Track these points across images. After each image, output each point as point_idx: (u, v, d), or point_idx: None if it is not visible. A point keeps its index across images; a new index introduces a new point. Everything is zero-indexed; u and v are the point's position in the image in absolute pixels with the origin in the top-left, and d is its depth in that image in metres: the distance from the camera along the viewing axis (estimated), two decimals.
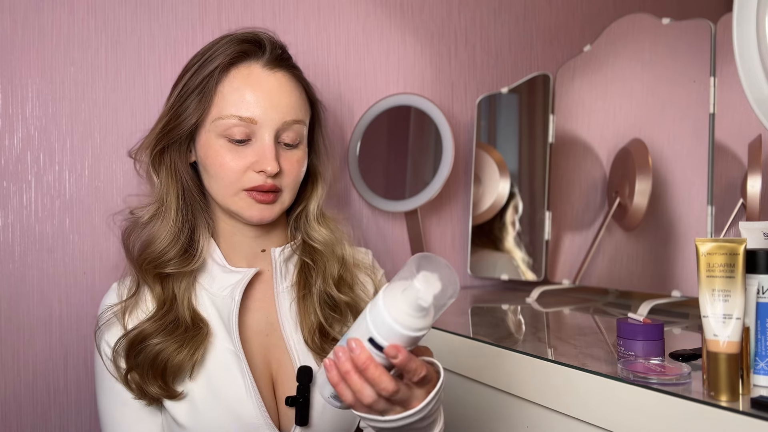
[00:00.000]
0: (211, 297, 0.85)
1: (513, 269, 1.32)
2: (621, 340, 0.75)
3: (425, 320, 0.58)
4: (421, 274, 0.57)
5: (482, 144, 1.38)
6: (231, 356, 0.81)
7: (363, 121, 1.27)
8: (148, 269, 0.83)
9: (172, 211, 0.84)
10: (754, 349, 0.64)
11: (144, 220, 0.85)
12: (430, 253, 0.59)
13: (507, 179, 1.34)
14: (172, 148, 0.85)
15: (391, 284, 0.59)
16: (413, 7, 1.35)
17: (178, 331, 0.80)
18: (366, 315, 0.59)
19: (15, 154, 1.03)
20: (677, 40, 1.06)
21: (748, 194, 0.90)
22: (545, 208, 1.27)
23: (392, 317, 0.57)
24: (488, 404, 0.88)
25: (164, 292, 0.82)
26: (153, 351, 0.79)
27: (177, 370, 0.79)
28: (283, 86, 0.83)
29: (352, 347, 0.58)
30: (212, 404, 0.79)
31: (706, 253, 0.62)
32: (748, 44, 0.75)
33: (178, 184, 0.85)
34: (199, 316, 0.83)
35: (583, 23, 1.49)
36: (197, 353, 0.80)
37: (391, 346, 0.57)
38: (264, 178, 0.81)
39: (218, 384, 0.80)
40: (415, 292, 0.57)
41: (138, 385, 0.79)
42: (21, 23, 1.03)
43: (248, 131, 0.81)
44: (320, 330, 0.84)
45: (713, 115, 0.98)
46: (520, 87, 1.34)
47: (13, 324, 1.02)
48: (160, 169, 0.85)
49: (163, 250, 0.83)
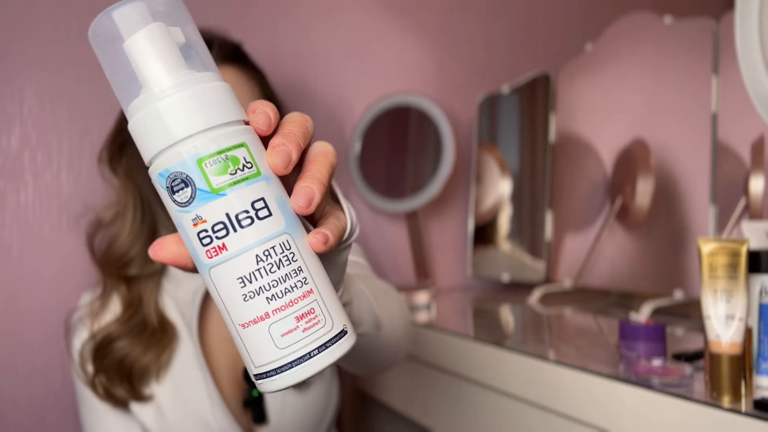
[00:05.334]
0: (176, 302, 0.85)
1: (514, 270, 1.31)
2: (623, 341, 0.74)
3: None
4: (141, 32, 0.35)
5: (483, 143, 1.37)
6: (195, 360, 0.81)
7: (363, 121, 1.27)
8: (112, 270, 0.83)
9: (130, 211, 0.85)
10: (757, 350, 0.63)
11: (106, 221, 0.86)
12: None
13: (508, 179, 1.34)
14: (128, 150, 0.85)
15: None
16: (414, 6, 1.35)
17: (145, 333, 0.80)
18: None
19: (12, 153, 1.03)
20: (679, 39, 1.06)
21: (750, 194, 0.90)
22: (546, 208, 1.26)
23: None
24: (489, 406, 0.87)
25: (130, 293, 0.83)
26: (119, 354, 0.79)
27: (143, 373, 0.79)
28: (233, 81, 0.83)
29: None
30: (177, 407, 0.79)
31: (708, 254, 0.62)
32: (750, 43, 0.75)
33: (135, 184, 0.86)
34: (166, 319, 0.83)
35: (585, 22, 1.48)
36: (164, 356, 0.80)
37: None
38: None
39: (182, 387, 0.80)
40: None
41: (105, 388, 0.79)
42: (18, 21, 1.03)
43: None
44: None
45: (716, 114, 0.98)
46: (521, 86, 1.33)
47: (10, 324, 1.02)
48: (117, 170, 0.86)
49: (125, 250, 0.83)
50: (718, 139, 0.97)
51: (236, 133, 0.35)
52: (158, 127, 0.34)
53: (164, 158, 0.35)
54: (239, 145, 0.34)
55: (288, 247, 0.34)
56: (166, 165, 0.35)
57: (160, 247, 0.37)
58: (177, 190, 0.34)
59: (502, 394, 0.85)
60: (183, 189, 0.34)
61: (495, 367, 0.85)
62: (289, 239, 0.35)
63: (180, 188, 0.34)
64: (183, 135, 0.34)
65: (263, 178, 0.35)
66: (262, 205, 0.34)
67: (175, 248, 0.36)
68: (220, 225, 0.34)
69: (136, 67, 0.35)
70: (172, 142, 0.34)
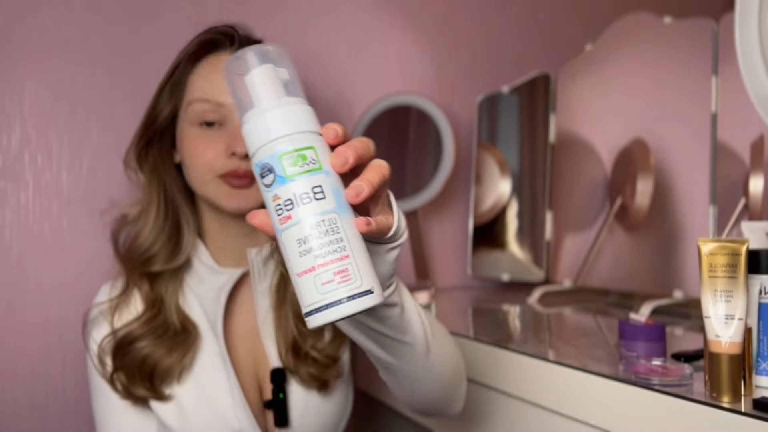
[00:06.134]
0: (199, 298, 0.85)
1: (514, 270, 1.31)
2: (622, 341, 0.74)
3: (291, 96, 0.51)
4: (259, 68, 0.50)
5: (483, 144, 1.37)
6: (218, 359, 0.81)
7: (363, 121, 1.27)
8: (135, 266, 0.83)
9: (156, 209, 0.85)
10: (757, 350, 0.63)
11: (131, 217, 0.87)
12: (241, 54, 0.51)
13: (508, 179, 1.34)
14: (154, 147, 0.86)
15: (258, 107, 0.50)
16: (413, 6, 1.35)
17: (167, 334, 0.80)
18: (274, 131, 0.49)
19: (13, 153, 1.03)
20: (679, 39, 1.06)
21: (750, 194, 0.90)
22: (546, 208, 1.26)
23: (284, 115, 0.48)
24: (488, 406, 0.87)
25: (152, 292, 0.83)
26: (141, 354, 0.79)
27: (165, 374, 0.79)
28: None
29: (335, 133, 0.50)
30: (199, 407, 0.79)
31: (708, 254, 0.62)
32: (750, 43, 0.75)
33: (160, 181, 0.86)
34: (188, 320, 0.83)
35: (585, 22, 1.48)
36: (186, 357, 0.80)
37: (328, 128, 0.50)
38: (237, 162, 0.80)
39: (205, 386, 0.80)
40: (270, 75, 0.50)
41: (124, 386, 0.79)
42: (19, 22, 1.03)
43: (219, 116, 0.81)
44: (293, 348, 0.83)
45: (715, 114, 0.98)
46: (521, 86, 1.33)
47: (10, 325, 1.02)
48: (143, 167, 0.86)
49: (148, 246, 0.84)
50: (717, 140, 0.97)
51: (309, 139, 0.48)
52: (260, 130, 0.48)
53: (260, 152, 0.48)
54: (309, 147, 0.47)
55: (334, 222, 0.46)
56: (261, 157, 0.48)
57: (254, 215, 0.49)
58: (264, 175, 0.47)
59: (502, 394, 0.85)
60: (268, 175, 0.47)
61: (495, 366, 0.85)
62: (336, 217, 0.46)
63: (266, 174, 0.47)
64: (273, 137, 0.47)
65: (324, 172, 0.47)
66: (319, 190, 0.46)
67: (264, 217, 0.48)
68: (288, 201, 0.46)
69: (252, 91, 0.49)
70: (266, 141, 0.48)
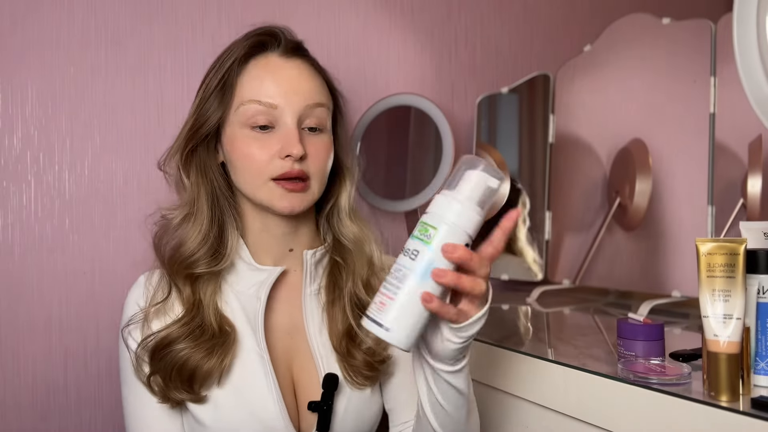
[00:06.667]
0: (237, 295, 0.84)
1: (513, 269, 1.32)
2: (621, 340, 0.75)
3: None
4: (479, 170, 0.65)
5: (482, 144, 1.38)
6: (256, 357, 0.81)
7: (363, 121, 1.27)
8: (179, 270, 0.82)
9: (204, 211, 0.84)
10: (755, 350, 0.64)
11: (175, 222, 0.84)
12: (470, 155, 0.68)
13: (507, 179, 1.34)
14: (200, 150, 0.85)
15: (453, 191, 0.65)
16: (413, 7, 1.35)
17: (204, 336, 0.79)
18: (444, 218, 0.64)
19: (15, 154, 1.03)
20: (677, 40, 1.06)
21: (748, 194, 0.90)
22: (545, 208, 1.27)
23: (468, 215, 0.64)
24: (488, 404, 0.88)
25: (194, 295, 0.82)
26: (179, 357, 0.78)
27: (206, 377, 0.78)
28: (303, 72, 0.84)
29: (451, 250, 0.63)
30: (236, 405, 0.79)
31: (706, 253, 0.62)
32: (748, 44, 0.76)
33: (209, 183, 0.85)
34: (226, 321, 0.82)
35: (584, 23, 1.49)
36: (226, 360, 0.79)
37: (488, 243, 0.67)
38: (290, 164, 0.80)
39: (242, 384, 0.80)
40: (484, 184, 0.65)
41: (161, 389, 0.79)
42: (20, 23, 1.03)
43: (271, 118, 0.81)
44: (348, 334, 0.84)
45: (713, 114, 0.98)
46: (521, 87, 1.34)
47: (12, 324, 1.02)
48: (190, 171, 0.85)
49: (194, 250, 0.82)
50: (716, 140, 0.98)
51: (441, 226, 0.63)
52: (441, 205, 0.64)
53: (432, 215, 0.63)
54: (434, 227, 0.63)
55: (405, 276, 0.62)
56: (429, 218, 0.64)
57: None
58: (419, 227, 0.64)
59: (502, 393, 0.85)
60: (415, 230, 0.64)
61: (494, 365, 0.86)
62: (408, 273, 0.62)
63: (420, 226, 0.64)
64: (443, 214, 0.63)
65: (429, 248, 0.62)
66: (416, 254, 0.62)
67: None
68: (407, 250, 0.63)
69: (462, 181, 0.64)
70: (439, 213, 0.63)
